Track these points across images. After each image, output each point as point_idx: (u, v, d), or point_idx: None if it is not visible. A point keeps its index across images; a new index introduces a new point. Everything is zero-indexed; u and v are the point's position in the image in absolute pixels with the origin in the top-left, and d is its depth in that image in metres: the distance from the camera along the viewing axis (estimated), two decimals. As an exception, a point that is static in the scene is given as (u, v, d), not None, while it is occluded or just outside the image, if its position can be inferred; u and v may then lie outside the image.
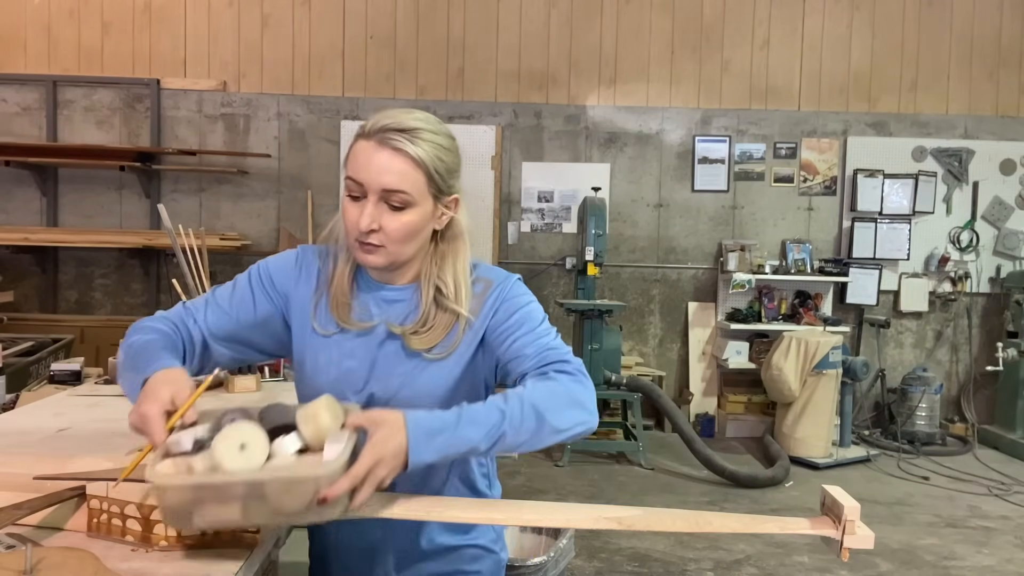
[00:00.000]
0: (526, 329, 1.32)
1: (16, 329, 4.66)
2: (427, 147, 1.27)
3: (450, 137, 1.34)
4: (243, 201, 6.07)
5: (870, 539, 1.11)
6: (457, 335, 1.33)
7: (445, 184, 1.31)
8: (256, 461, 1.02)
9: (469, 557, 1.45)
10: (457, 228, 1.37)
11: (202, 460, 1.03)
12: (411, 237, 1.29)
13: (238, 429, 1.03)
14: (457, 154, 1.34)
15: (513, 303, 1.35)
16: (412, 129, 1.27)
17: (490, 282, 1.37)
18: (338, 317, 1.35)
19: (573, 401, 1.24)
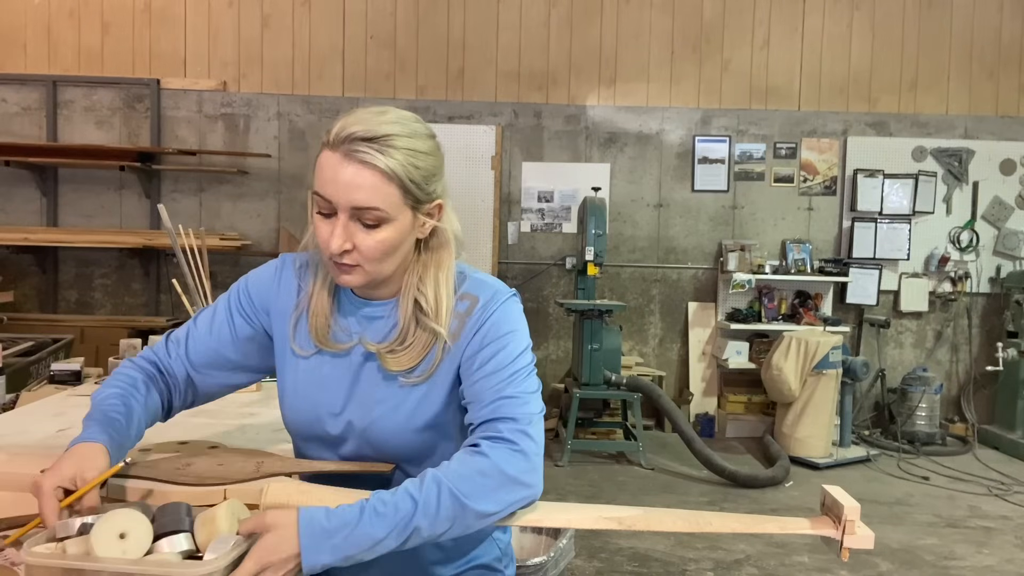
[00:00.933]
0: (491, 368, 1.20)
1: (16, 329, 4.66)
2: (399, 156, 1.16)
3: (427, 137, 1.22)
4: (243, 201, 6.07)
5: (870, 539, 1.12)
6: (435, 357, 1.22)
7: (423, 192, 1.19)
8: (133, 552, 1.00)
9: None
10: (442, 236, 1.26)
11: (78, 544, 1.03)
12: (389, 254, 1.19)
13: (121, 516, 1.01)
14: (436, 155, 1.22)
15: (492, 331, 1.22)
16: (381, 137, 1.16)
17: (475, 300, 1.25)
18: (316, 337, 1.27)
19: (503, 480, 1.12)
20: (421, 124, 1.24)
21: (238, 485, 1.28)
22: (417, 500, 1.08)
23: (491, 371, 1.20)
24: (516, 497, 1.15)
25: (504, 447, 1.14)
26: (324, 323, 1.28)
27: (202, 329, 1.35)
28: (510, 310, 1.26)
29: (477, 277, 1.30)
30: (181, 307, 3.83)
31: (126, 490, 1.27)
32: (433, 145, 1.23)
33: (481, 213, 6.01)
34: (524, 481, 1.15)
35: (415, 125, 1.22)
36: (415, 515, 1.07)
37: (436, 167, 1.22)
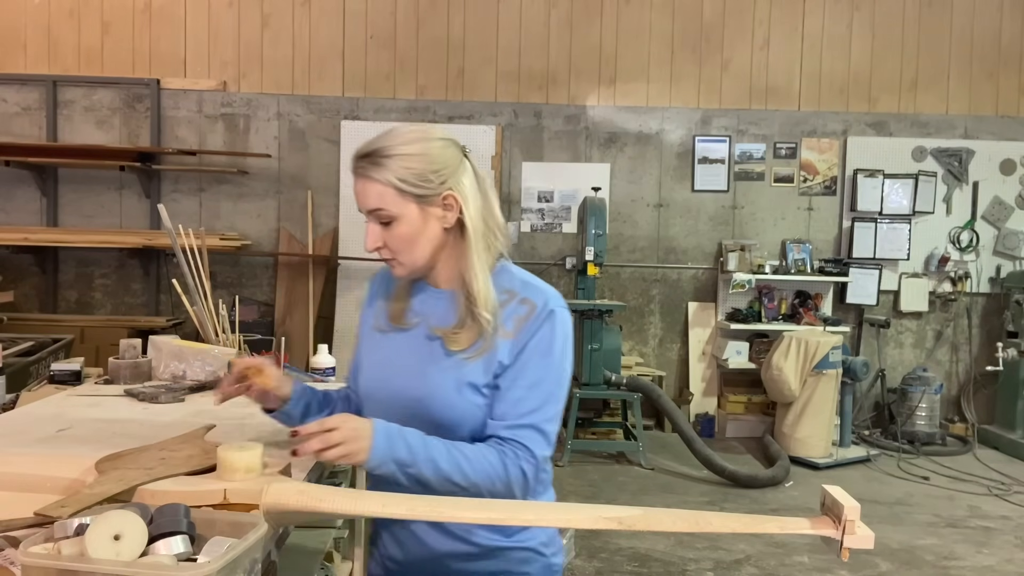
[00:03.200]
0: (525, 383, 1.36)
1: (16, 329, 4.66)
2: (389, 163, 1.34)
3: (423, 141, 1.37)
4: (243, 201, 6.07)
5: (870, 539, 1.11)
6: (486, 342, 1.38)
7: (423, 187, 1.35)
8: (127, 554, 1.00)
9: (517, 560, 1.46)
10: (468, 228, 1.39)
11: (73, 544, 1.03)
12: (412, 244, 1.38)
13: (116, 517, 1.01)
14: (434, 156, 1.36)
15: (540, 345, 1.37)
16: (374, 151, 1.35)
17: (533, 306, 1.39)
18: (391, 317, 1.50)
19: (505, 492, 1.34)
20: (418, 132, 1.39)
21: (236, 485, 1.28)
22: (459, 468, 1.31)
23: (527, 388, 1.36)
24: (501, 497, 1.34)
25: (520, 475, 1.34)
26: (399, 307, 1.50)
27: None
28: (563, 327, 1.40)
29: (525, 279, 1.44)
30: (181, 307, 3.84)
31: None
32: (429, 147, 1.37)
33: (481, 213, 6.00)
34: (514, 494, 1.35)
35: (411, 134, 1.38)
36: (450, 475, 1.30)
37: (436, 165, 1.36)
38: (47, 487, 1.33)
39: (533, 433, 1.35)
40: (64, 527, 1.06)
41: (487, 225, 1.41)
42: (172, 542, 1.05)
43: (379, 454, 1.27)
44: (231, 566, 1.02)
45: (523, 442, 1.34)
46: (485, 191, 1.43)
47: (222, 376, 1.41)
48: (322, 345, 2.68)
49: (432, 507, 1.23)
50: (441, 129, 1.44)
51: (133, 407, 1.98)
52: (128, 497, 1.25)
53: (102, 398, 2.09)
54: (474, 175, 1.42)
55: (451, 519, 1.29)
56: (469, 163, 1.42)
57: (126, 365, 2.29)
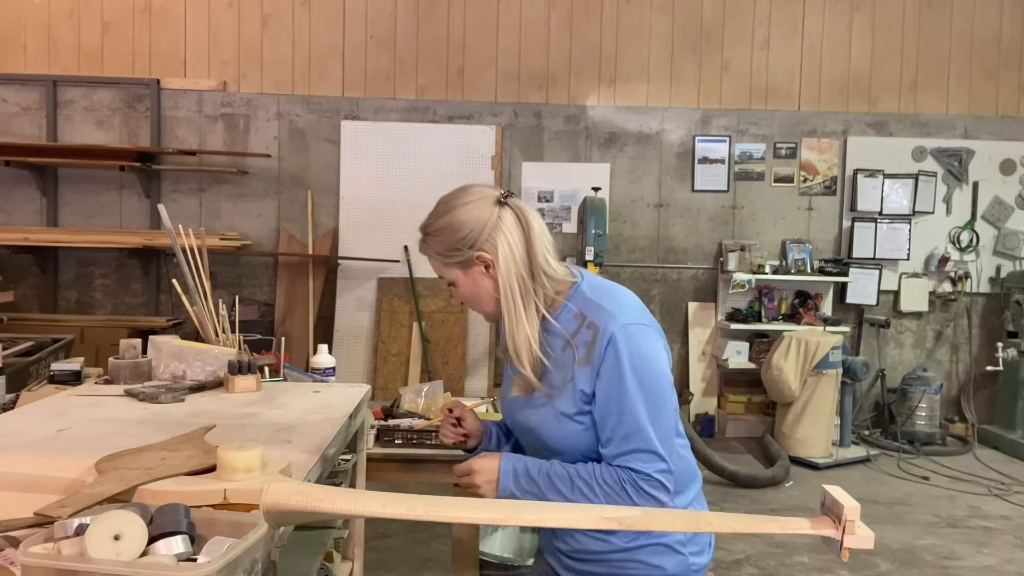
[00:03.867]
0: (613, 414, 1.42)
1: (16, 329, 4.66)
2: (429, 240, 1.51)
3: (450, 212, 1.48)
4: (243, 201, 6.07)
5: (870, 539, 1.11)
6: (572, 372, 1.45)
7: (455, 256, 1.48)
8: (127, 554, 1.00)
9: (650, 552, 1.52)
10: (501, 282, 1.48)
11: (73, 544, 1.03)
12: (475, 299, 1.53)
13: (116, 517, 1.01)
14: (458, 225, 1.46)
15: (611, 372, 1.41)
16: (422, 230, 1.53)
17: (596, 330, 1.42)
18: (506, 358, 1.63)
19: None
20: (459, 197, 1.49)
21: (236, 485, 1.28)
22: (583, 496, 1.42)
23: (616, 415, 1.42)
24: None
25: (640, 492, 1.42)
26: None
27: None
28: (629, 346, 1.42)
29: (596, 301, 1.47)
30: (181, 307, 3.83)
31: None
32: (452, 218, 1.47)
33: (481, 213, 5.99)
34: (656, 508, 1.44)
35: (442, 206, 1.50)
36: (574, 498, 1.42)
37: (459, 234, 1.46)
38: (47, 487, 1.33)
39: (639, 455, 1.40)
40: (64, 527, 1.06)
41: (530, 272, 1.46)
42: (172, 542, 1.05)
43: (506, 492, 1.46)
44: (231, 566, 1.02)
45: (631, 467, 1.41)
46: (530, 235, 1.47)
47: (440, 424, 1.69)
48: (322, 345, 2.68)
49: (432, 507, 1.23)
50: (475, 188, 1.50)
51: (133, 407, 1.98)
52: (128, 497, 1.25)
53: (102, 398, 2.09)
54: (516, 220, 1.46)
55: (451, 519, 1.29)
56: (509, 208, 1.47)
57: (126, 365, 2.29)
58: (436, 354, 5.88)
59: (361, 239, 5.97)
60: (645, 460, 1.40)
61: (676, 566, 1.52)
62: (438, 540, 3.81)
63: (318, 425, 1.81)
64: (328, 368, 2.52)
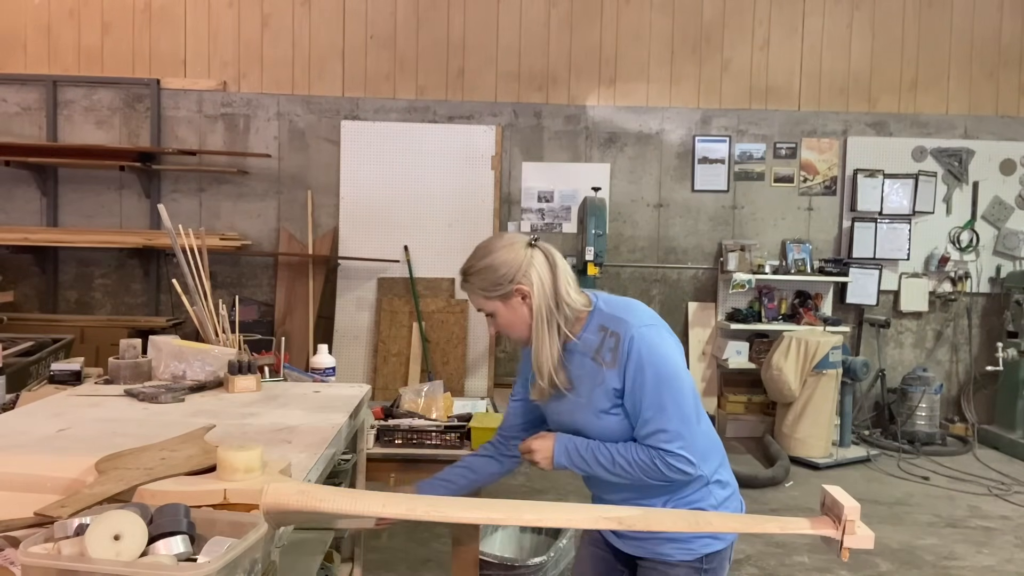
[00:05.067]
0: (641, 403, 1.66)
1: (16, 329, 4.66)
2: (472, 279, 1.75)
3: (489, 255, 1.73)
4: (243, 201, 6.07)
5: (870, 539, 1.12)
6: (602, 376, 1.70)
7: (497, 290, 1.72)
8: (127, 554, 1.00)
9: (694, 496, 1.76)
10: (535, 310, 1.73)
11: (73, 544, 1.03)
12: (511, 328, 1.77)
13: (116, 517, 1.01)
14: (498, 264, 1.71)
15: (636, 368, 1.67)
16: (465, 271, 1.77)
17: (619, 337, 1.69)
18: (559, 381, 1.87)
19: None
20: (496, 242, 1.76)
21: (236, 485, 1.28)
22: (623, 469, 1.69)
23: (642, 404, 1.66)
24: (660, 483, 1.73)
25: (667, 466, 1.67)
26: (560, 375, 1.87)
27: None
28: (648, 343, 1.69)
29: (612, 313, 1.75)
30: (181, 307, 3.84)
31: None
32: (492, 260, 1.72)
33: (481, 213, 6.01)
34: (671, 479, 1.69)
35: (481, 250, 1.76)
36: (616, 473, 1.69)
37: (499, 272, 1.72)
38: (47, 487, 1.33)
39: (662, 435, 1.64)
40: (64, 527, 1.06)
41: (555, 298, 1.73)
42: (172, 542, 1.05)
43: (559, 464, 1.74)
44: (231, 566, 1.02)
45: (657, 446, 1.65)
46: (555, 270, 1.74)
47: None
48: (322, 345, 2.68)
49: (432, 507, 1.23)
50: (509, 235, 1.79)
51: (133, 407, 1.98)
52: (128, 497, 1.25)
53: (102, 398, 2.09)
54: (544, 259, 1.73)
55: (451, 519, 1.29)
56: (539, 250, 1.74)
57: (126, 365, 2.29)
58: (436, 354, 5.88)
59: (361, 239, 5.97)
60: (667, 439, 1.64)
61: (701, 544, 1.76)
62: (438, 540, 3.81)
63: (318, 425, 1.81)
64: (328, 368, 2.52)
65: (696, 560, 1.74)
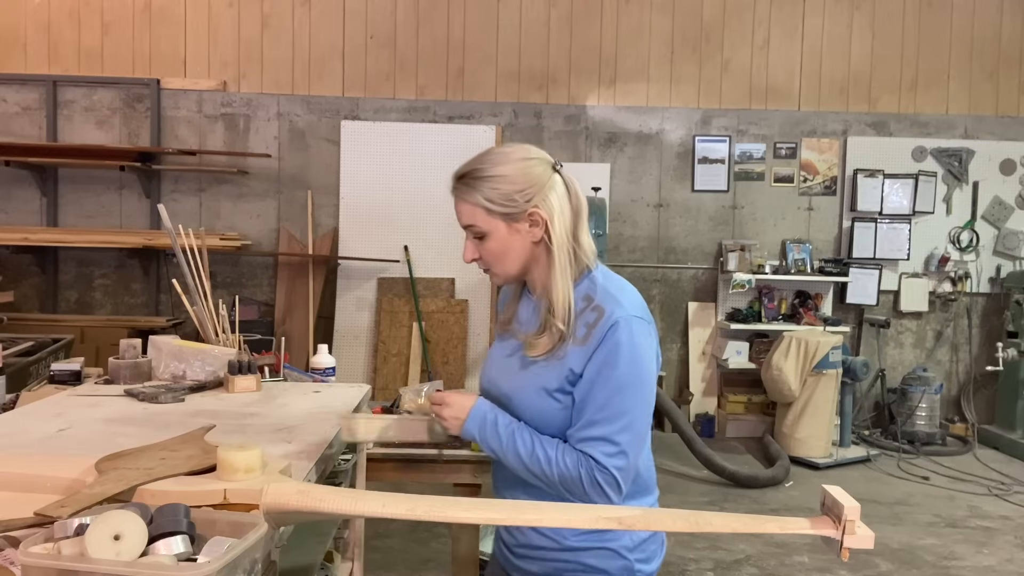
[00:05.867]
0: (595, 397, 1.40)
1: (16, 329, 4.66)
2: (479, 184, 1.45)
3: (511, 163, 1.46)
4: (243, 201, 6.07)
5: (870, 539, 1.11)
6: (562, 351, 1.45)
7: (509, 207, 1.45)
8: (127, 554, 1.00)
9: (595, 555, 1.49)
10: (553, 243, 1.47)
11: (73, 544, 1.03)
12: (503, 257, 1.49)
13: (116, 517, 1.01)
14: (520, 177, 1.44)
15: (609, 357, 1.40)
16: (467, 173, 1.47)
17: (602, 313, 1.43)
18: (502, 321, 1.63)
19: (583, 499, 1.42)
20: (519, 151, 1.49)
21: (236, 485, 1.28)
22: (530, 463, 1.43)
23: (597, 402, 1.41)
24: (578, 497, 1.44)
25: (594, 483, 1.40)
26: (509, 313, 1.62)
27: None
28: (632, 336, 1.41)
29: (607, 287, 1.49)
30: (181, 307, 3.83)
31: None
32: (515, 168, 1.45)
33: (481, 213, 6.00)
34: (592, 499, 1.41)
35: (501, 155, 1.48)
36: (530, 468, 1.43)
37: (518, 185, 1.44)
38: (47, 487, 1.33)
39: (603, 445, 1.38)
40: (64, 527, 1.06)
41: (574, 239, 1.49)
42: (172, 542, 1.05)
43: (468, 434, 1.47)
44: (231, 566, 1.02)
45: (592, 454, 1.38)
46: (576, 206, 1.50)
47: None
48: (322, 345, 2.68)
49: (432, 507, 1.23)
50: (532, 148, 1.50)
51: (133, 407, 1.98)
52: (128, 497, 1.25)
53: (102, 398, 2.09)
54: (565, 190, 1.49)
55: (451, 519, 1.29)
56: (561, 178, 1.49)
57: (126, 365, 2.29)
58: (436, 354, 5.88)
59: (361, 239, 5.97)
60: (607, 452, 1.38)
61: (620, 571, 1.50)
62: (438, 540, 3.81)
63: (318, 425, 1.81)
64: (328, 368, 2.52)
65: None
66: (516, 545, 1.56)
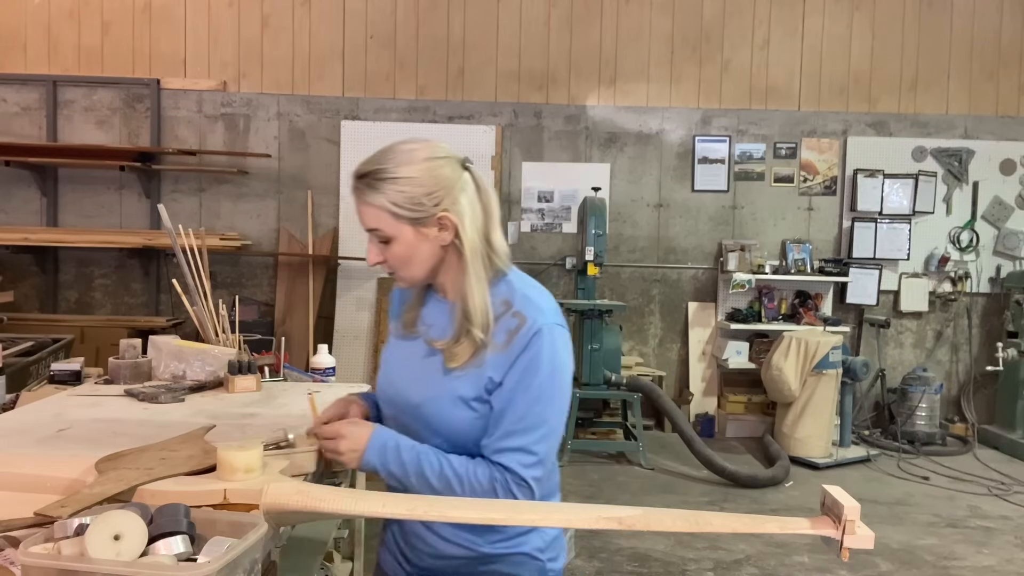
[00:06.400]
0: (514, 407, 1.34)
1: (16, 329, 4.66)
2: (384, 187, 1.36)
3: (417, 163, 1.36)
4: (243, 201, 6.07)
5: (870, 539, 1.11)
6: (481, 357, 1.37)
7: (416, 211, 1.36)
8: (127, 554, 1.00)
9: (512, 563, 1.46)
10: (464, 248, 1.39)
11: (73, 544, 1.03)
12: (408, 261, 1.40)
13: (117, 517, 1.01)
14: (428, 179, 1.35)
15: (531, 365, 1.35)
16: (371, 173, 1.37)
17: (523, 320, 1.36)
18: (404, 323, 1.53)
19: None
20: (419, 150, 1.38)
21: (236, 485, 1.28)
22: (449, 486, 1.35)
23: (516, 411, 1.35)
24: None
25: (510, 498, 1.34)
26: (412, 315, 1.52)
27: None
28: (554, 345, 1.37)
29: (525, 292, 1.42)
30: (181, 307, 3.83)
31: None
32: (421, 169, 1.36)
33: (481, 213, 6.00)
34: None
35: (407, 155, 1.37)
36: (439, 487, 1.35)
37: (427, 188, 1.35)
38: (47, 487, 1.33)
39: (522, 456, 1.33)
40: (64, 527, 1.06)
41: (487, 241, 1.40)
42: (172, 542, 1.05)
43: (368, 466, 1.38)
44: (231, 566, 1.02)
45: (510, 466, 1.33)
46: (487, 205, 1.41)
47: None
48: (322, 345, 2.68)
49: (432, 507, 1.23)
50: (440, 145, 1.41)
51: (133, 407, 1.98)
52: (128, 497, 1.25)
53: (102, 398, 2.09)
54: (475, 189, 1.40)
55: (451, 519, 1.29)
56: (471, 176, 1.40)
57: (126, 365, 2.29)
58: (436, 354, 5.87)
59: (361, 239, 5.91)
60: (524, 462, 1.34)
61: (535, 574, 1.47)
62: (438, 540, 3.80)
63: (318, 425, 1.81)
64: (328, 368, 2.52)
65: None
66: (425, 555, 1.47)
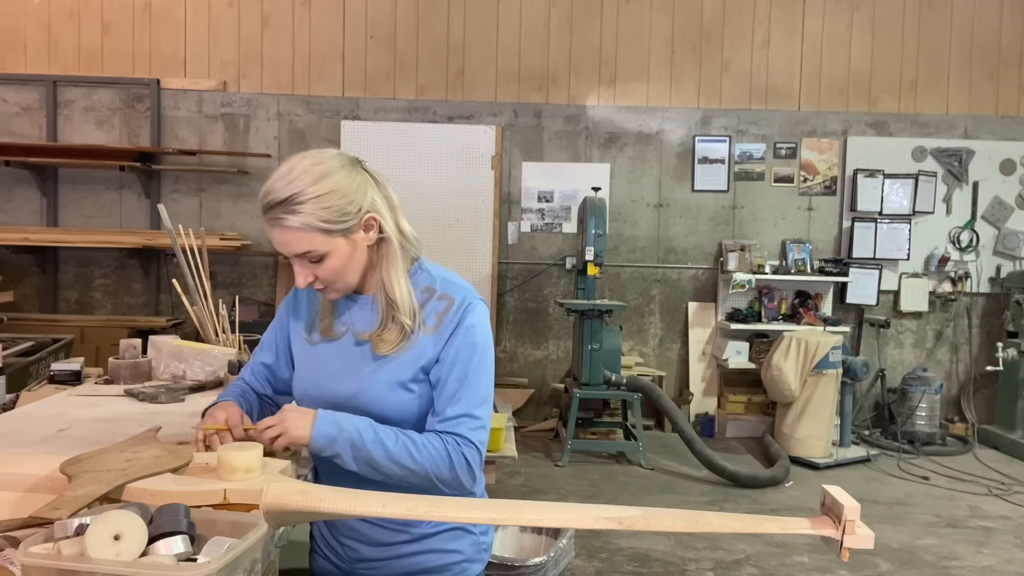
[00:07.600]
0: (455, 377, 1.44)
1: (16, 329, 4.66)
2: (306, 208, 1.36)
3: (327, 176, 1.38)
4: (243, 201, 6.07)
5: (870, 539, 1.11)
6: (415, 340, 1.46)
7: (343, 221, 1.39)
8: (127, 554, 1.00)
9: (447, 538, 1.54)
10: (389, 242, 1.46)
11: (73, 544, 1.03)
12: (343, 272, 1.44)
13: (117, 517, 1.01)
14: (344, 188, 1.39)
15: (466, 338, 1.45)
16: (286, 199, 1.36)
17: (452, 301, 1.47)
18: (321, 329, 1.55)
19: (449, 478, 1.43)
20: (328, 161, 1.40)
21: (236, 485, 1.28)
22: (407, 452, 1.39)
23: (457, 380, 1.44)
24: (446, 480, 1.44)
25: (463, 461, 1.43)
26: (327, 322, 1.55)
27: (257, 356, 1.69)
28: (482, 319, 1.49)
29: (444, 276, 1.52)
30: (181, 307, 3.84)
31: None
32: (335, 182, 1.38)
33: (481, 213, 6.01)
34: (459, 478, 1.43)
35: (313, 172, 1.38)
36: (398, 456, 1.39)
37: (349, 197, 1.40)
38: (47, 487, 1.33)
39: (468, 420, 1.43)
40: (64, 527, 1.06)
41: (400, 231, 1.47)
42: (172, 542, 1.05)
43: (319, 436, 1.37)
44: (231, 566, 1.02)
45: (460, 432, 1.42)
46: (389, 197, 1.48)
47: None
48: (322, 345, 2.67)
49: (432, 507, 1.23)
50: (329, 152, 1.44)
51: (133, 407, 1.98)
52: (116, 496, 1.25)
53: (102, 398, 2.09)
54: (376, 184, 1.46)
55: (451, 519, 1.29)
56: (368, 174, 1.46)
57: (126, 365, 2.29)
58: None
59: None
60: (471, 426, 1.43)
61: (470, 547, 1.56)
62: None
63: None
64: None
65: None
66: (363, 545, 1.53)
